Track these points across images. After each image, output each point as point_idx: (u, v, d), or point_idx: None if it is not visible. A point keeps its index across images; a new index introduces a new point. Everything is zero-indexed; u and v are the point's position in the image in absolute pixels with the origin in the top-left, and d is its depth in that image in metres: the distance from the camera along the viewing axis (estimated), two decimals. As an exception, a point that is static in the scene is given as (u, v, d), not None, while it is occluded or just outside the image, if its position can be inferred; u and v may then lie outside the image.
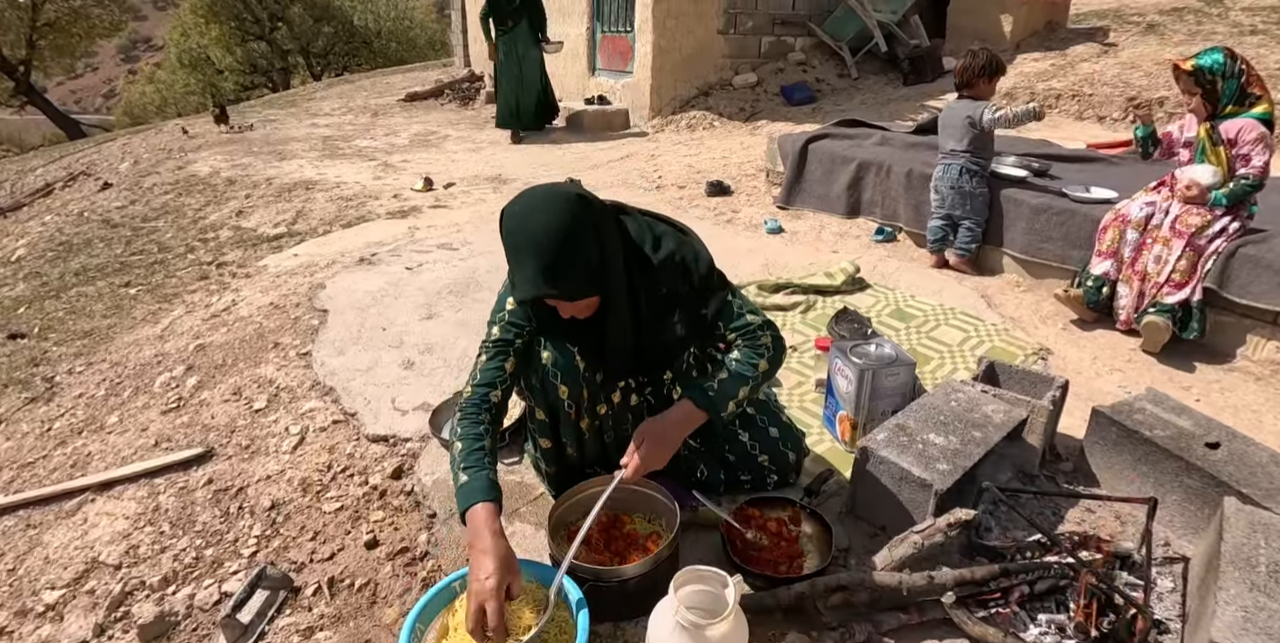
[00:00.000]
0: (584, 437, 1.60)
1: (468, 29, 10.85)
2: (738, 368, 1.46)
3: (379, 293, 3.06)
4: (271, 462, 2.05)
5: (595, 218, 1.31)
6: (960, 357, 2.46)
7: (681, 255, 1.45)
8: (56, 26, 18.91)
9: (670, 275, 1.44)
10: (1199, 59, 2.36)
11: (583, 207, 1.29)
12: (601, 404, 1.55)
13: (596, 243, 1.30)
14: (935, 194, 3.23)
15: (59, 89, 46.81)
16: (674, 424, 1.42)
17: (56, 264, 4.51)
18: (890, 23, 7.20)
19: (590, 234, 1.29)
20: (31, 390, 2.85)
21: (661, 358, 1.58)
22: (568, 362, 1.46)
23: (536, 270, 1.25)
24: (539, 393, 1.51)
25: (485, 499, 1.28)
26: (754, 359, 1.47)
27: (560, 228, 1.25)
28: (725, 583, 1.22)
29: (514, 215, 1.29)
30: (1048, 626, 1.37)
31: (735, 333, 1.49)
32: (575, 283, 1.28)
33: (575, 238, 1.26)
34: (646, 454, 1.39)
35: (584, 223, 1.28)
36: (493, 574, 1.19)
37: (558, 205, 1.27)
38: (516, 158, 6.10)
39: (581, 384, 1.49)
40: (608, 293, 1.37)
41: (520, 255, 1.27)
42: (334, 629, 1.52)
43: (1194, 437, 1.67)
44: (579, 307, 1.36)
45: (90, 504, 2.02)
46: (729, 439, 1.71)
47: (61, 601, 1.70)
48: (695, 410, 1.43)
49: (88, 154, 8.83)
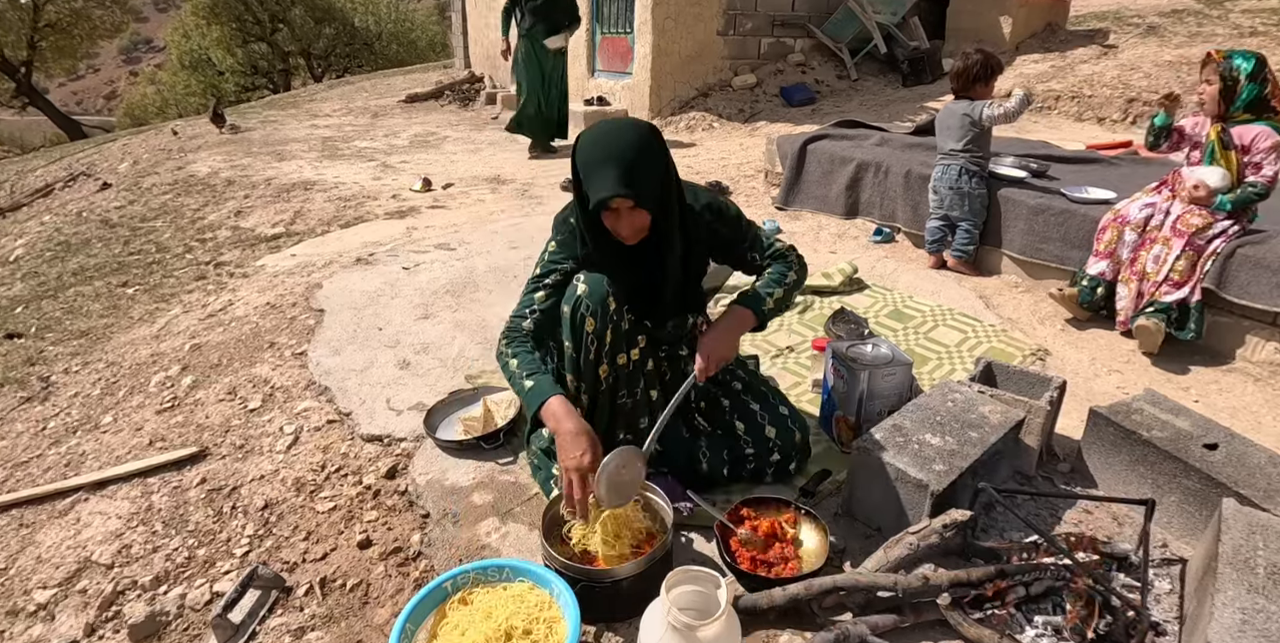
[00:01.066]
0: (600, 386, 1.61)
1: (468, 31, 10.86)
2: (771, 276, 1.67)
3: (376, 293, 3.05)
4: (265, 461, 2.04)
5: (664, 146, 1.48)
6: (958, 357, 2.46)
7: (718, 205, 1.65)
8: (58, 27, 18.95)
9: (710, 218, 1.63)
10: (1233, 55, 2.34)
11: (655, 133, 1.47)
12: (621, 353, 1.59)
13: (665, 163, 1.47)
14: (934, 195, 3.22)
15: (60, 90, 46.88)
16: (728, 325, 1.61)
17: (54, 264, 4.51)
18: (889, 24, 7.20)
19: (662, 154, 1.46)
20: (27, 390, 2.84)
21: (688, 301, 1.73)
22: (601, 297, 1.52)
23: (618, 173, 1.38)
24: (568, 323, 1.55)
25: (557, 393, 1.44)
26: (784, 269, 1.68)
27: (638, 141, 1.42)
28: (718, 584, 1.21)
29: (594, 133, 1.44)
30: (1044, 627, 1.36)
31: (768, 258, 1.69)
32: (647, 189, 1.42)
33: (648, 153, 1.42)
34: (713, 347, 1.56)
35: (657, 143, 1.46)
36: (587, 450, 1.37)
37: (633, 128, 1.45)
38: (515, 158, 6.10)
39: (608, 323, 1.54)
40: (662, 220, 1.50)
41: (602, 161, 1.40)
42: (325, 630, 1.51)
43: (1192, 438, 1.66)
44: (635, 223, 1.46)
45: (83, 504, 2.01)
46: (739, 408, 1.77)
47: (53, 600, 1.70)
48: (741, 310, 1.61)
49: (88, 155, 8.83)
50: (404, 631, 1.26)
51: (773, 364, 2.42)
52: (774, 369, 2.39)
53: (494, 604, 1.35)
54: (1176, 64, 5.81)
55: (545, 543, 1.42)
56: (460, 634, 1.29)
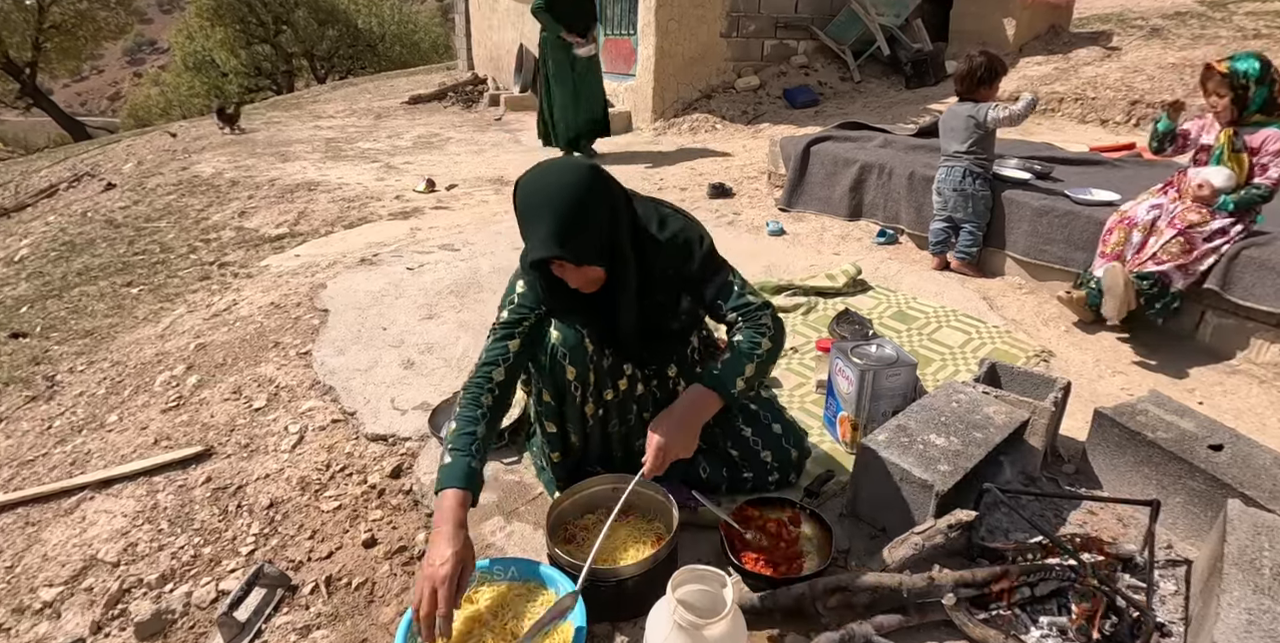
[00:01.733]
0: (588, 424, 1.59)
1: (471, 33, 10.89)
2: (741, 348, 1.45)
3: (380, 293, 3.06)
4: (270, 460, 2.05)
5: (607, 188, 1.35)
6: (962, 359, 2.46)
7: (686, 236, 1.48)
8: (63, 29, 19.02)
9: (675, 254, 1.47)
10: (1235, 62, 2.33)
11: (596, 175, 1.33)
12: (608, 389, 1.55)
13: (608, 211, 1.34)
14: (938, 196, 3.23)
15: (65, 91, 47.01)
16: (686, 410, 1.42)
17: (59, 264, 4.52)
18: (893, 26, 7.21)
19: (602, 202, 1.33)
20: (32, 389, 2.85)
21: (667, 342, 1.60)
22: (576, 342, 1.48)
23: (549, 232, 1.27)
24: (546, 373, 1.51)
25: (459, 486, 1.29)
26: (756, 338, 1.46)
27: (573, 192, 1.29)
28: (724, 583, 1.21)
29: (529, 181, 1.33)
30: (1049, 628, 1.36)
31: (735, 312, 1.49)
32: (585, 246, 1.31)
33: (587, 202, 1.30)
34: (666, 442, 1.38)
35: (596, 190, 1.32)
36: (448, 561, 1.19)
37: (571, 173, 1.32)
38: (519, 159, 6.11)
39: (589, 365, 1.50)
40: (616, 266, 1.39)
41: (533, 217, 1.30)
42: (331, 628, 1.51)
43: (1197, 439, 1.66)
44: (586, 276, 1.37)
45: (89, 502, 2.02)
46: (731, 435, 1.71)
47: (59, 598, 1.70)
48: (705, 392, 1.43)
49: (92, 155, 8.86)
50: (410, 629, 1.26)
51: (776, 365, 2.42)
52: (777, 370, 2.39)
53: (500, 602, 1.35)
54: (1180, 66, 5.81)
55: (550, 542, 1.42)
56: (467, 633, 1.29)
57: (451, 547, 1.21)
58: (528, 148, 6.72)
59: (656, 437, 1.38)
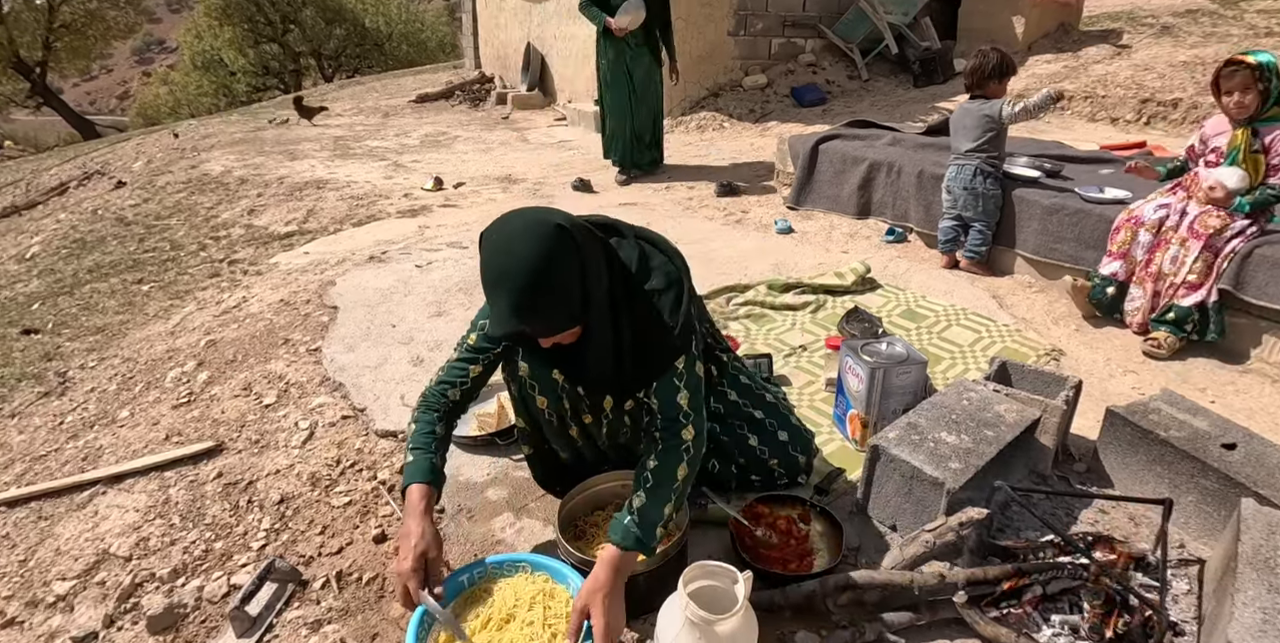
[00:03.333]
0: (576, 443, 1.59)
1: (478, 32, 10.89)
2: (654, 483, 1.33)
3: (389, 290, 3.07)
4: (281, 456, 2.06)
5: (577, 249, 1.21)
6: (972, 357, 2.45)
7: (664, 297, 1.35)
8: (73, 28, 19.14)
9: (648, 314, 1.35)
10: (1257, 56, 2.30)
11: (563, 238, 1.19)
12: (586, 414, 1.52)
13: (578, 275, 1.21)
14: (947, 195, 3.21)
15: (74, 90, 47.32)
16: (606, 584, 1.24)
17: (70, 261, 4.55)
18: (901, 24, 7.18)
19: (571, 268, 1.20)
20: (44, 385, 2.87)
21: (643, 379, 1.43)
22: (545, 374, 1.45)
23: (510, 307, 1.17)
24: (519, 403, 1.52)
25: (421, 481, 1.36)
26: (673, 464, 1.35)
27: (536, 264, 1.15)
28: (735, 579, 1.21)
29: (491, 245, 1.20)
30: (1061, 627, 1.36)
31: (660, 410, 1.38)
32: (551, 321, 1.22)
33: (552, 274, 1.17)
34: (611, 622, 1.22)
35: (564, 256, 1.18)
36: (409, 555, 1.27)
37: (535, 237, 1.17)
38: (526, 158, 6.11)
39: (560, 396, 1.47)
40: (589, 322, 1.30)
41: (495, 290, 1.19)
42: (342, 623, 1.52)
43: (1210, 437, 1.65)
44: (560, 338, 1.29)
45: (101, 497, 2.03)
46: (738, 445, 1.69)
47: (72, 591, 1.71)
48: (623, 555, 1.28)
49: (102, 154, 8.91)
50: (422, 622, 1.27)
51: (785, 363, 2.42)
52: (787, 368, 2.39)
53: (515, 596, 1.36)
54: (1191, 64, 5.77)
55: (561, 538, 1.43)
56: (482, 624, 1.30)
57: (413, 538, 1.29)
58: (535, 146, 6.72)
59: (602, 620, 1.21)
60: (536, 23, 8.82)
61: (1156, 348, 2.46)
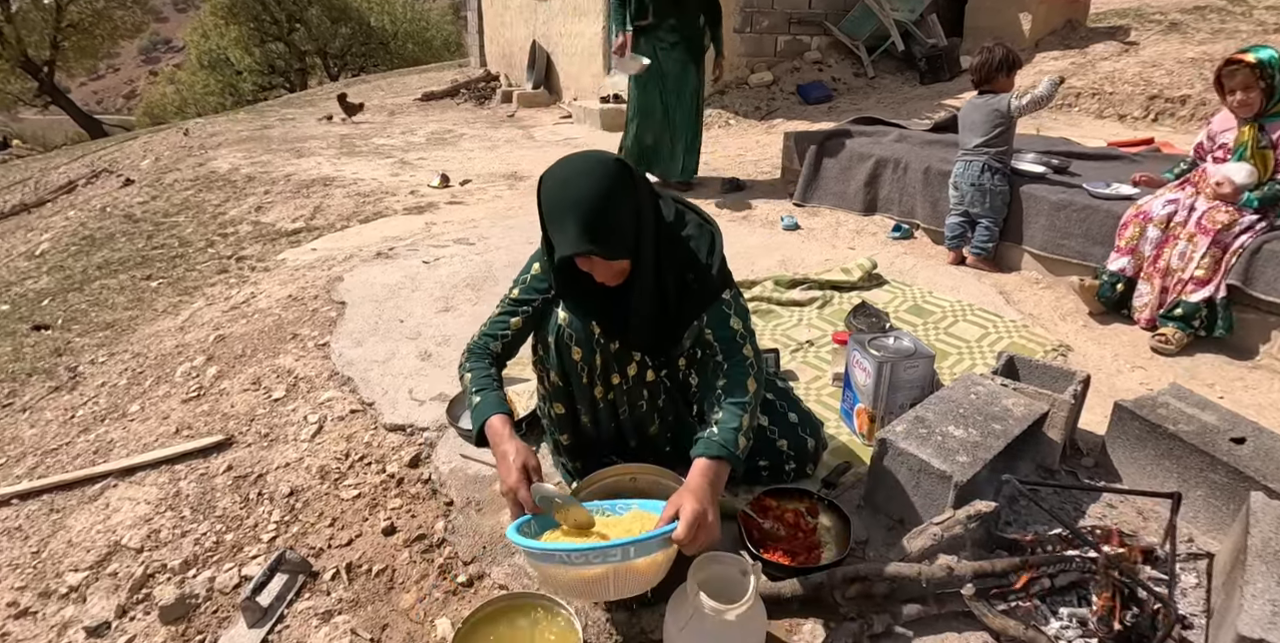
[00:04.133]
0: (598, 407, 1.60)
1: (484, 30, 10.91)
2: (727, 397, 1.41)
3: (396, 286, 3.08)
4: (290, 450, 2.07)
5: (634, 183, 1.34)
6: (979, 353, 2.44)
7: (699, 242, 1.47)
8: (80, 27, 19.23)
9: (692, 256, 1.46)
10: (1257, 53, 2.29)
11: (622, 171, 1.33)
12: (615, 374, 1.55)
13: (633, 207, 1.33)
14: (954, 191, 3.21)
15: (81, 90, 47.48)
16: (699, 487, 1.27)
17: (80, 258, 4.58)
18: (907, 22, 7.16)
19: (629, 195, 1.32)
20: (55, 379, 2.89)
21: (672, 334, 1.55)
22: (583, 325, 1.48)
23: (580, 229, 1.27)
24: (552, 354, 1.53)
25: (500, 412, 1.42)
26: (741, 379, 1.44)
27: (602, 189, 1.28)
28: (745, 569, 1.21)
29: (555, 178, 1.33)
30: (1069, 619, 1.36)
31: (715, 338, 1.48)
32: (615, 241, 1.31)
33: (616, 199, 1.29)
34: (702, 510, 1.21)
35: (625, 188, 1.31)
36: (511, 471, 1.33)
37: (598, 169, 1.31)
38: (532, 155, 6.12)
39: (595, 349, 1.50)
40: (640, 259, 1.38)
41: (562, 215, 1.30)
42: (352, 613, 1.53)
43: (1219, 432, 1.65)
44: (614, 269, 1.37)
45: (112, 490, 2.05)
46: None
47: (84, 582, 1.73)
48: (715, 465, 1.32)
49: (109, 152, 8.95)
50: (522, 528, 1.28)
51: (792, 358, 2.42)
52: (793, 363, 2.39)
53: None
54: (1199, 61, 5.74)
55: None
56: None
57: (509, 458, 1.35)
58: (540, 144, 6.73)
59: (693, 505, 1.20)
60: (542, 20, 8.83)
61: (1164, 344, 2.45)
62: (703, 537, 1.21)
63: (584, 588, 1.21)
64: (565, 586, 1.22)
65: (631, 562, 1.16)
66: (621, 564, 1.16)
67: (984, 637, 1.35)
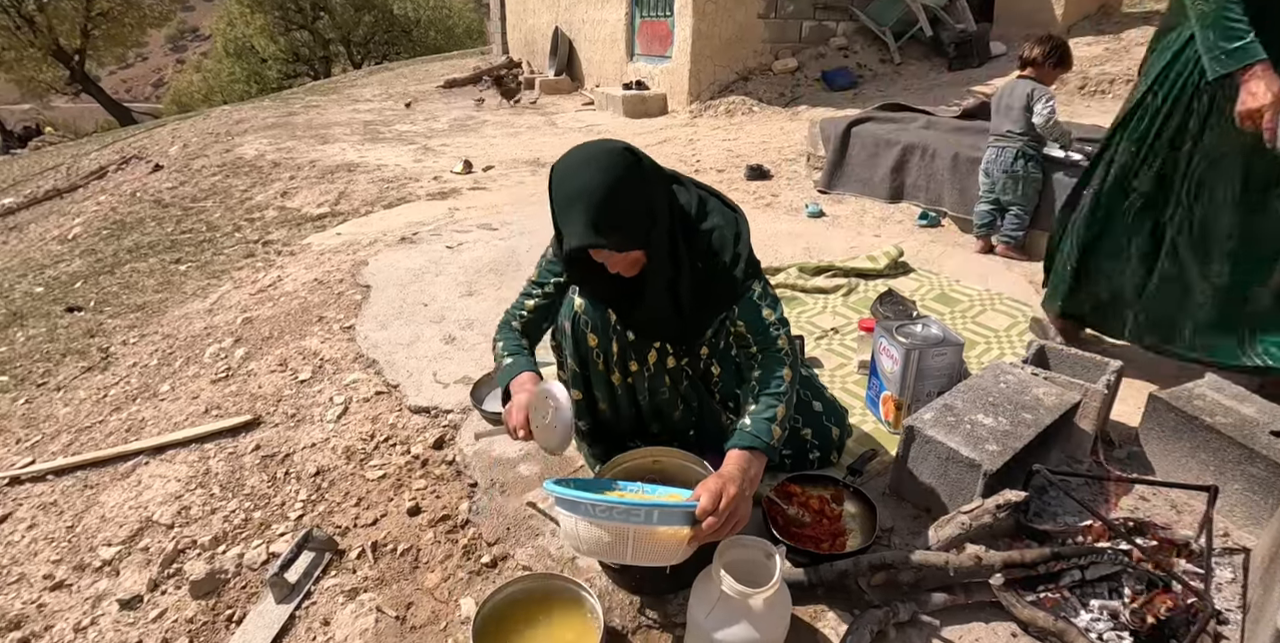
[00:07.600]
0: (616, 393, 1.58)
1: (506, 17, 10.88)
2: (761, 388, 1.40)
3: (420, 270, 3.09)
4: (316, 430, 2.09)
5: (644, 173, 1.31)
6: (1007, 342, 2.40)
7: (723, 232, 1.42)
8: (110, 16, 19.48)
9: (712, 250, 1.41)
10: None
11: (632, 160, 1.29)
12: (633, 361, 1.53)
13: (644, 198, 1.30)
14: (985, 178, 3.14)
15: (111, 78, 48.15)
16: (732, 475, 1.26)
17: (110, 242, 4.66)
18: (936, 6, 7.02)
19: (639, 188, 1.29)
20: (88, 360, 2.95)
21: (693, 328, 1.52)
22: (600, 312, 1.47)
23: (587, 221, 1.24)
24: (569, 341, 1.52)
25: (528, 369, 1.48)
26: (777, 369, 1.42)
27: (609, 179, 1.25)
28: (770, 553, 1.21)
29: (564, 168, 1.30)
30: (1100, 612, 1.33)
31: (749, 330, 1.46)
32: (624, 234, 1.28)
33: (624, 190, 1.26)
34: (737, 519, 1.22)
35: (634, 177, 1.28)
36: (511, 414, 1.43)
37: (607, 159, 1.27)
38: (554, 142, 6.11)
39: (611, 337, 1.49)
40: (653, 251, 1.35)
41: (570, 206, 1.27)
42: (377, 591, 1.55)
43: (1258, 424, 1.60)
44: (627, 260, 1.34)
45: (144, 467, 2.08)
46: None
47: (117, 557, 1.76)
48: (745, 455, 1.31)
49: (138, 139, 9.08)
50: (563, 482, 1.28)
51: (817, 345, 2.40)
52: (819, 350, 2.37)
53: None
54: (1241, 46, 5.56)
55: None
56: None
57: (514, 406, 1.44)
58: (562, 130, 6.72)
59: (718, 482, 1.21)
60: (564, 7, 8.78)
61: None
62: (731, 521, 1.20)
63: (603, 547, 1.20)
64: (586, 541, 1.21)
65: (654, 527, 1.16)
66: (643, 527, 1.16)
67: (1011, 628, 1.34)
